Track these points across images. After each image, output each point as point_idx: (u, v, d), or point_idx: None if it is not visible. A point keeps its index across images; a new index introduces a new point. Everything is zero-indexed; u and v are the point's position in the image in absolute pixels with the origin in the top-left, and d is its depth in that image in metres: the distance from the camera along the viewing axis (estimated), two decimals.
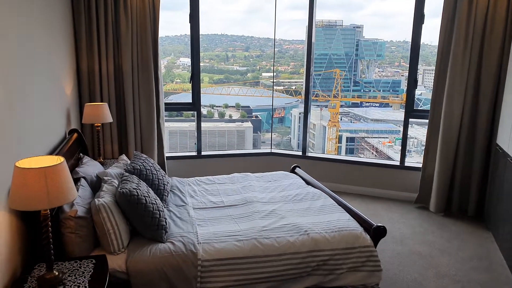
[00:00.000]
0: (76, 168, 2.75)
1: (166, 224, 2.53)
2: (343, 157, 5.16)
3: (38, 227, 1.83)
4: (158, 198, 2.69)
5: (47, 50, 2.84)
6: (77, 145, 3.22)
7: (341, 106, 8.53)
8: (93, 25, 3.75)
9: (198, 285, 2.34)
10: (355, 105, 9.04)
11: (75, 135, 3.24)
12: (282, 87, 8.38)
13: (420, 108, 4.83)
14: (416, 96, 4.59)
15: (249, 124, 7.53)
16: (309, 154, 4.98)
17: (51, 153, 2.67)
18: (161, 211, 2.55)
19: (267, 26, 5.25)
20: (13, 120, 2.06)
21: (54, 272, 1.86)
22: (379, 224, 2.68)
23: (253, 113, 8.30)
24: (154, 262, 2.30)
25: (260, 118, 8.22)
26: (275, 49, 8.15)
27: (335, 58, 8.55)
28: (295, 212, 3.00)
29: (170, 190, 3.34)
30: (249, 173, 3.91)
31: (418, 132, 7.30)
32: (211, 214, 2.94)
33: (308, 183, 3.69)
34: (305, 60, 4.81)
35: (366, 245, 2.61)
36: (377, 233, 2.66)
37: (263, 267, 2.44)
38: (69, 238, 2.19)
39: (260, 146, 7.81)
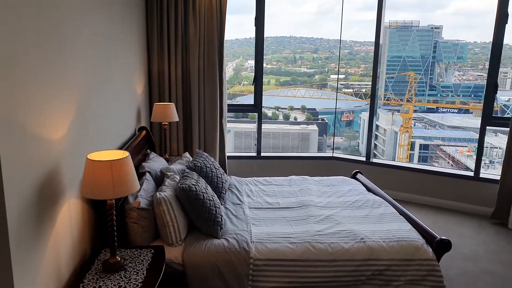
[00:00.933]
0: (143, 163, 2.95)
1: (222, 221, 2.61)
2: (411, 164, 4.89)
3: (104, 216, 2.00)
4: (215, 195, 2.78)
5: (124, 54, 3.08)
6: (145, 141, 3.45)
7: (415, 111, 8.07)
8: (164, 31, 3.99)
9: (250, 283, 2.38)
10: (430, 110, 8.49)
11: (144, 132, 3.47)
12: (352, 90, 8.17)
13: (507, 116, 4.40)
14: (502, 102, 4.19)
15: (314, 127, 7.43)
16: (374, 160, 4.79)
17: (121, 148, 2.89)
18: (218, 207, 2.63)
19: (337, 28, 5.16)
20: (90, 116, 2.26)
21: (117, 257, 2.01)
22: (443, 237, 2.50)
23: (319, 116, 8.18)
24: (208, 257, 2.39)
25: (327, 121, 8.08)
26: (345, 51, 7.98)
27: (409, 60, 8.13)
28: (353, 218, 2.91)
29: (228, 189, 3.43)
30: (307, 177, 3.87)
31: (503, 141, 6.65)
32: (266, 215, 2.96)
33: (369, 190, 3.56)
34: (373, 62, 4.65)
35: (427, 258, 2.45)
36: (440, 246, 2.48)
37: (314, 271, 2.41)
38: (132, 228, 2.35)
39: (326, 150, 7.67)
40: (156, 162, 3.10)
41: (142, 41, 3.84)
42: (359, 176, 3.92)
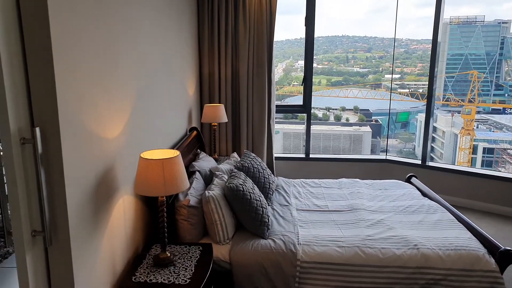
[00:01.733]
0: (193, 162, 3.02)
1: (269, 221, 2.61)
2: (473, 169, 4.57)
3: (156, 212, 2.07)
4: (262, 196, 2.78)
5: (177, 57, 3.19)
6: (196, 141, 3.54)
7: (478, 112, 7.57)
8: (214, 32, 4.08)
9: (296, 285, 2.36)
10: (496, 111, 7.92)
11: (195, 132, 3.56)
12: (407, 90, 7.83)
13: None
14: None
15: (367, 128, 7.21)
16: (431, 164, 4.54)
17: (173, 147, 2.99)
18: (265, 208, 2.63)
19: (392, 26, 4.97)
20: (144, 116, 2.36)
21: (167, 253, 2.07)
22: (508, 248, 2.31)
23: (372, 117, 7.92)
24: (255, 256, 2.39)
25: (381, 122, 7.80)
26: (401, 49, 7.66)
27: (472, 58, 7.64)
28: (406, 224, 2.78)
29: (275, 190, 3.42)
30: (358, 179, 3.76)
31: None
32: (313, 217, 2.92)
33: (424, 194, 3.39)
34: (430, 61, 4.42)
35: (490, 270, 2.28)
36: (505, 257, 2.30)
37: (363, 276, 2.33)
38: (181, 225, 2.42)
39: (379, 152, 7.41)
40: (205, 162, 3.17)
41: (194, 43, 3.95)
42: (413, 180, 3.74)
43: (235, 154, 3.64)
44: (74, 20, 1.51)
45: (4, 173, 1.40)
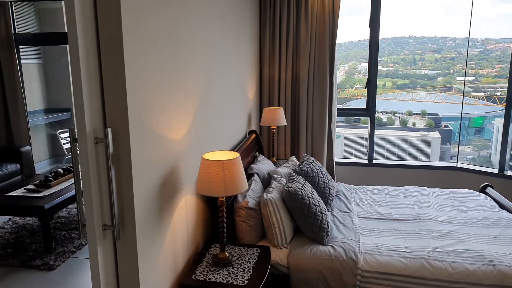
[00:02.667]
0: (252, 165, 3.05)
1: (328, 228, 2.55)
2: None
3: (216, 212, 2.12)
4: (321, 201, 2.73)
5: (238, 61, 3.25)
6: (255, 144, 3.57)
7: None
8: (276, 34, 4.10)
9: None
10: None
11: (254, 135, 3.60)
12: (483, 93, 7.24)
13: None
14: None
15: (436, 134, 6.77)
16: (510, 173, 4.15)
17: (233, 149, 3.04)
18: (324, 214, 2.58)
19: (466, 25, 4.63)
20: (206, 119, 2.43)
21: (226, 253, 2.10)
22: None
23: (442, 122, 7.43)
24: (313, 262, 2.35)
25: (451, 128, 7.29)
26: (476, 50, 7.12)
27: None
28: (480, 237, 2.56)
29: (336, 195, 3.33)
30: (425, 187, 3.55)
31: None
32: (376, 225, 2.79)
33: (502, 206, 3.10)
34: (510, 62, 4.05)
35: None
36: None
37: None
38: (240, 226, 2.45)
39: (449, 160, 6.92)
40: (264, 164, 3.18)
41: (255, 47, 4.00)
42: (489, 190, 3.44)
43: (293, 158, 3.62)
44: (145, 33, 1.59)
45: (80, 170, 1.52)
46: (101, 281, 1.55)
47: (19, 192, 3.55)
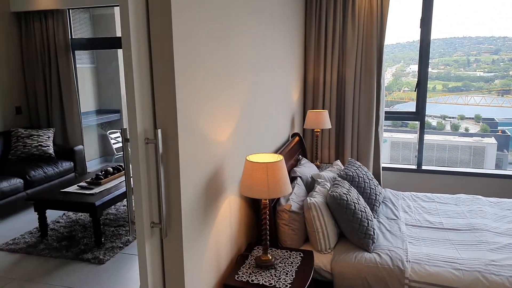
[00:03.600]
0: (295, 168, 3.02)
1: (374, 234, 2.47)
2: None
3: (259, 214, 2.12)
4: (367, 207, 2.65)
5: (283, 63, 3.25)
6: (298, 147, 3.54)
7: None
8: (321, 36, 4.05)
9: None
10: None
11: (297, 138, 3.57)
12: None
13: None
14: None
15: (492, 140, 6.38)
16: None
17: (275, 152, 3.03)
18: (370, 220, 2.50)
19: None
20: (250, 121, 2.45)
21: (268, 255, 2.10)
22: None
23: (498, 127, 6.98)
24: (358, 269, 2.29)
25: (509, 133, 6.84)
26: None
27: None
28: None
29: (382, 202, 3.23)
30: (480, 196, 3.35)
31: None
32: (425, 234, 2.67)
33: None
34: None
35: None
36: None
37: None
38: (282, 229, 2.43)
39: (506, 167, 6.49)
40: (307, 168, 3.14)
41: (300, 48, 3.97)
42: None
43: (338, 162, 3.55)
44: (194, 39, 1.63)
45: (130, 169, 1.57)
46: (148, 276, 1.60)
47: (73, 188, 3.75)
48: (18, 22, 5.24)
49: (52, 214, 4.25)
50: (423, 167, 4.40)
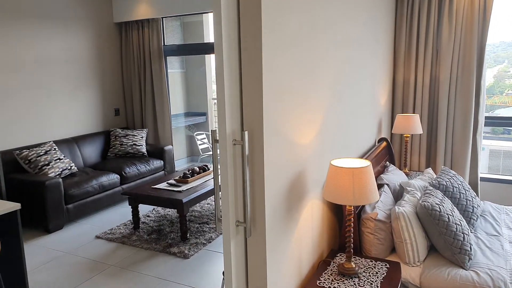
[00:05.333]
0: (381, 175, 2.88)
1: (471, 250, 2.24)
2: None
3: (343, 221, 2.05)
4: (463, 220, 2.42)
5: (371, 65, 3.12)
6: (385, 153, 3.37)
7: None
8: (413, 35, 3.82)
9: None
10: None
11: (384, 143, 3.40)
12: None
13: None
14: None
15: None
16: None
17: (361, 157, 2.92)
18: (466, 234, 2.28)
19: None
20: (335, 124, 2.39)
21: (352, 264, 2.02)
22: None
23: None
24: (451, 287, 2.09)
25: None
26: None
27: None
28: None
29: (481, 215, 2.92)
30: None
31: None
32: None
33: None
34: None
35: None
36: None
37: None
38: (367, 237, 2.33)
39: None
40: (395, 175, 2.97)
41: (389, 48, 3.79)
42: None
43: (429, 170, 3.30)
44: (282, 45, 1.64)
45: (219, 168, 1.63)
46: (233, 273, 1.64)
47: (162, 185, 4.02)
48: (119, 31, 5.80)
49: (143, 208, 4.61)
50: None
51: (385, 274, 2.01)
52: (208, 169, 4.38)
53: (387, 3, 3.55)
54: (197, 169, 4.28)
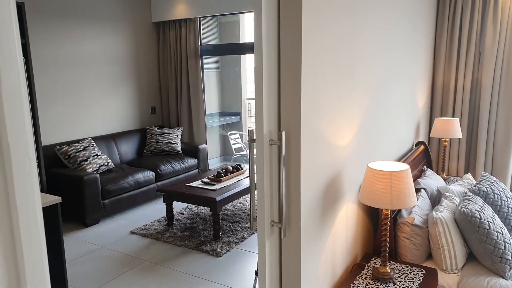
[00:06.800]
0: (418, 179, 2.81)
1: None
2: None
3: (378, 225, 2.03)
4: (505, 228, 2.32)
5: (410, 67, 3.06)
6: (422, 157, 3.28)
7: None
8: (454, 37, 3.70)
9: None
10: None
11: (422, 147, 3.31)
12: None
13: None
14: None
15: None
16: None
17: (398, 160, 2.86)
18: (508, 243, 2.19)
19: None
20: (372, 127, 2.37)
21: (387, 268, 1.99)
22: None
23: None
24: None
25: None
26: None
27: None
28: None
29: None
30: None
31: None
32: None
33: None
34: None
35: None
36: None
37: None
38: (403, 242, 2.28)
39: None
40: (432, 180, 2.90)
41: (429, 50, 3.69)
42: None
43: (469, 176, 3.19)
44: (321, 47, 1.64)
45: (255, 167, 1.65)
46: (267, 273, 1.66)
47: (196, 183, 4.10)
48: (157, 31, 5.96)
49: (177, 206, 4.72)
50: None
51: (421, 280, 1.97)
52: (242, 169, 4.43)
53: (428, 6, 3.46)
54: (231, 168, 4.33)
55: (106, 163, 4.66)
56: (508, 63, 3.53)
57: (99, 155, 4.64)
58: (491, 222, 2.24)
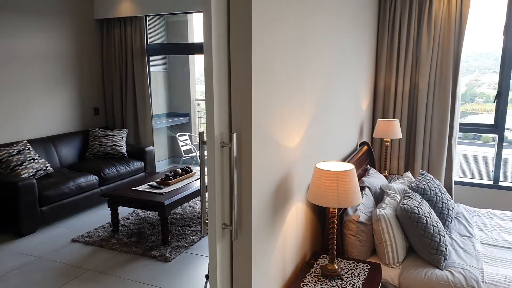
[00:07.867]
0: (363, 178, 2.95)
1: (446, 251, 2.33)
2: None
3: (325, 223, 2.09)
4: (440, 222, 2.51)
5: (354, 72, 3.19)
6: (366, 157, 3.45)
7: None
8: (394, 47, 3.93)
9: None
10: None
11: (365, 147, 3.48)
12: None
13: None
14: None
15: None
16: None
17: (343, 160, 2.98)
18: (442, 236, 2.37)
19: None
20: (319, 129, 2.44)
21: (335, 265, 2.06)
22: None
23: None
24: (428, 286, 2.18)
25: None
26: None
27: None
28: None
29: (455, 217, 3.04)
30: None
31: None
32: (503, 255, 2.47)
33: None
34: None
35: None
36: None
37: None
38: (349, 239, 2.38)
39: None
40: (375, 178, 3.05)
41: (372, 55, 3.88)
42: None
43: (408, 174, 3.40)
44: (271, 50, 1.66)
45: (206, 170, 1.63)
46: (218, 277, 1.64)
47: (143, 187, 3.97)
48: (100, 28, 5.70)
49: (122, 211, 4.53)
50: (500, 183, 4.07)
51: (366, 275, 2.06)
52: (191, 171, 4.36)
53: (370, 13, 3.64)
54: (180, 171, 4.25)
55: (44, 168, 4.37)
56: (442, 67, 3.81)
57: (36, 159, 4.34)
58: (428, 217, 2.40)
